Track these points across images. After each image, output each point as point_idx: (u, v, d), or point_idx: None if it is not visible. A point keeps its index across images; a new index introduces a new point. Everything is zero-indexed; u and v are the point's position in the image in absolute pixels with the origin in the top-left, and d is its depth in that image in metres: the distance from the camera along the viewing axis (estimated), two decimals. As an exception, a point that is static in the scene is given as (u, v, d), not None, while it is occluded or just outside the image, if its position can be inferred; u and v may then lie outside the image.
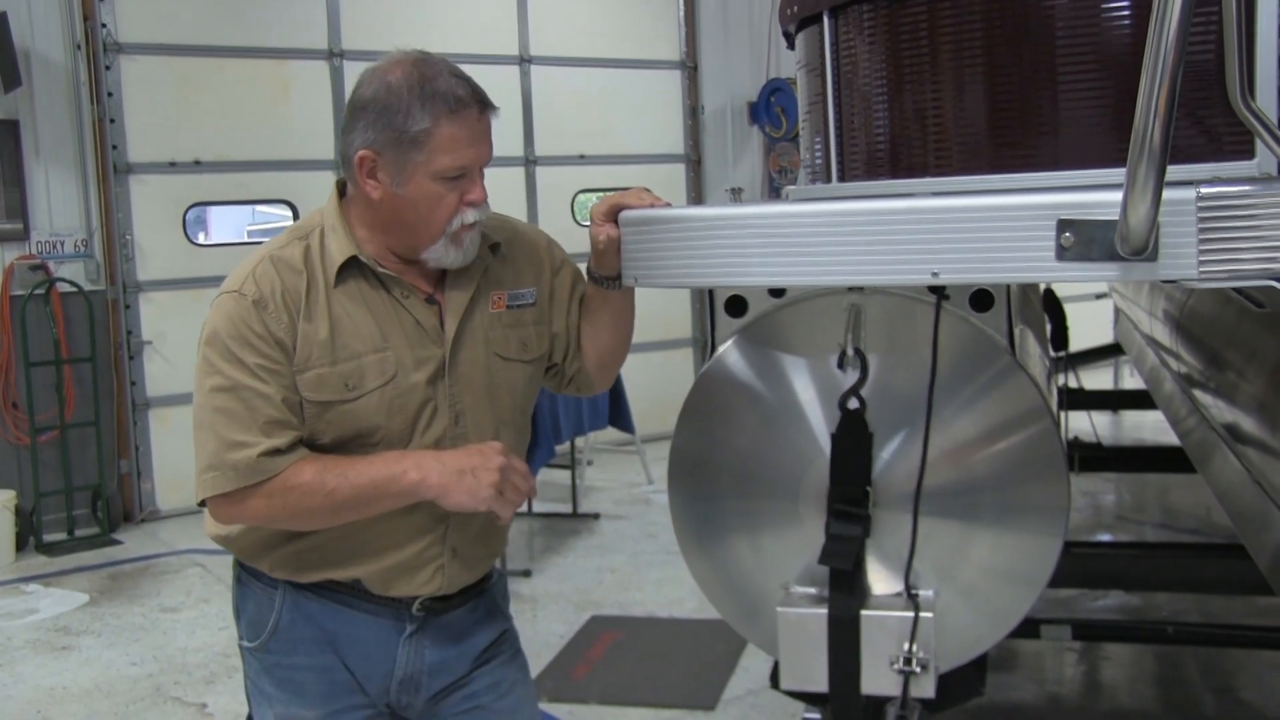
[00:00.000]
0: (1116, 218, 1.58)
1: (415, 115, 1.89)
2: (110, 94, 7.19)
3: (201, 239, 9.62)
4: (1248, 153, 1.79)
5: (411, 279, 2.04)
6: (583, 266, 2.25)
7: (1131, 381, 8.90)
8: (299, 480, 1.92)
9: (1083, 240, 1.64)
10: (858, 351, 2.38)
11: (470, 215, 1.97)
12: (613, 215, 2.06)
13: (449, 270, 2.05)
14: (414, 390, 2.00)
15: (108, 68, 7.17)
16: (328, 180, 2.31)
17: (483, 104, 1.96)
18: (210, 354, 1.95)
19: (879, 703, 2.40)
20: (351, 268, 2.00)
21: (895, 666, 2.31)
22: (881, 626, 2.34)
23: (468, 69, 1.99)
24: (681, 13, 9.35)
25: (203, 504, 1.98)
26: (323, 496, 1.92)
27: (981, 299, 2.42)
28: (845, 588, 2.35)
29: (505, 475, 1.95)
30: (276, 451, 1.91)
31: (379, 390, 1.98)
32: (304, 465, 1.93)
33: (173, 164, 7.45)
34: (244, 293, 1.95)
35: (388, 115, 1.90)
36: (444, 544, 2.09)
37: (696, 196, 9.33)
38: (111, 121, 7.20)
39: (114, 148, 7.22)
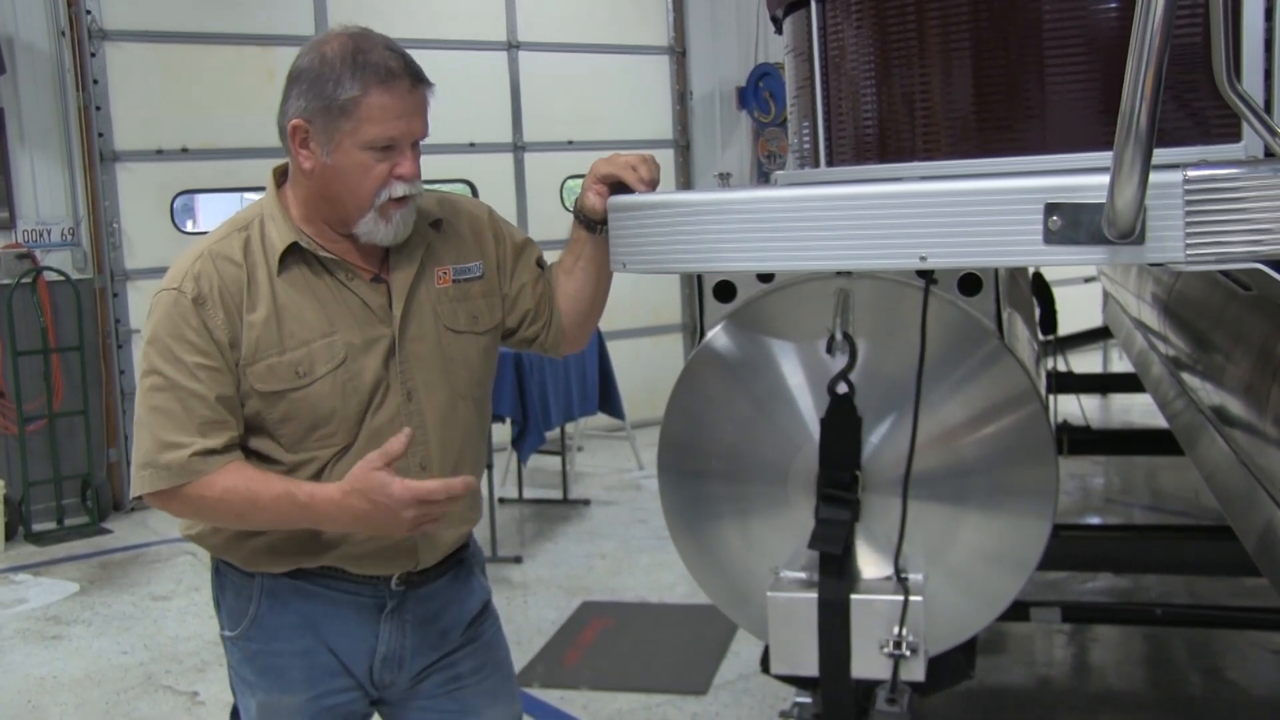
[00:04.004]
0: (1104, 201, 1.58)
1: (345, 83, 1.90)
2: (96, 81, 7.14)
3: (189, 226, 9.58)
4: (1234, 135, 1.79)
5: (355, 260, 2.04)
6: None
7: (1120, 365, 8.93)
8: (224, 487, 1.92)
9: (1070, 223, 1.64)
10: (846, 336, 2.38)
11: (399, 189, 1.96)
12: (610, 184, 2.10)
13: (392, 249, 2.06)
14: (365, 372, 2.00)
15: (93, 54, 7.12)
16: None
17: (415, 78, 1.95)
18: (150, 353, 1.96)
19: (869, 686, 2.42)
20: (294, 254, 2.00)
21: (885, 650, 2.32)
22: (871, 610, 2.34)
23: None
24: (670, -2, 9.33)
25: (139, 498, 1.99)
26: (245, 504, 1.94)
27: (970, 283, 2.43)
28: (835, 572, 2.36)
29: (417, 522, 1.90)
30: (210, 452, 1.92)
31: (330, 375, 1.98)
32: (231, 473, 1.93)
33: (159, 151, 7.41)
34: (183, 290, 1.95)
35: (319, 84, 1.92)
36: None
37: (685, 182, 9.31)
38: (97, 109, 7.16)
39: (100, 135, 7.18)
